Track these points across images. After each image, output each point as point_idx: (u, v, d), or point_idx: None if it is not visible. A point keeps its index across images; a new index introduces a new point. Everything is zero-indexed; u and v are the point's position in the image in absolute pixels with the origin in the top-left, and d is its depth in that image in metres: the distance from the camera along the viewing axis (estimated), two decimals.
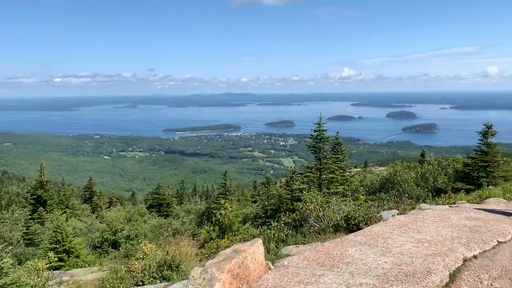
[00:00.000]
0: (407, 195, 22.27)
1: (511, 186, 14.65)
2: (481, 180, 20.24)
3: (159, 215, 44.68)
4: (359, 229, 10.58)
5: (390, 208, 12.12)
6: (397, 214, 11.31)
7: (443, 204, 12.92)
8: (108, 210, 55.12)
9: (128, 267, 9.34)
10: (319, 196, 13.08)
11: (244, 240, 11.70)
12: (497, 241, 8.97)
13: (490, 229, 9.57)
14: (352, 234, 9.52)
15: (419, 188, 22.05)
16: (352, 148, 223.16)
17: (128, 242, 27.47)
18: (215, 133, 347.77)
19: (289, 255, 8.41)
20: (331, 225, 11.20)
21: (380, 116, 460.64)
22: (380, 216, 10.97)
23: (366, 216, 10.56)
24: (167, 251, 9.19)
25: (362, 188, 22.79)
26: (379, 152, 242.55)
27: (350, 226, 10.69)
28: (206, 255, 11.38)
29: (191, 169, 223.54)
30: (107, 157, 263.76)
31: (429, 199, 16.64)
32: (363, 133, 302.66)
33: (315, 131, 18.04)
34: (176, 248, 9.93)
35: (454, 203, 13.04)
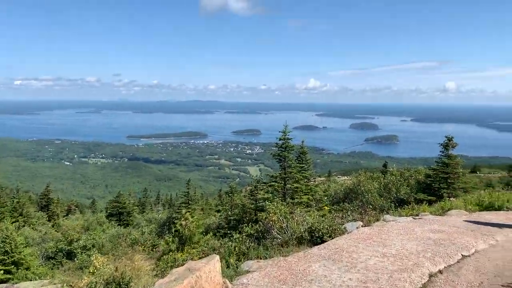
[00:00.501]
0: (370, 205, 22.28)
1: (472, 198, 14.75)
2: (442, 191, 20.50)
3: (119, 224, 42.99)
4: (323, 241, 10.21)
5: (355, 220, 11.82)
6: (362, 226, 11.03)
7: (407, 216, 12.79)
8: (66, 219, 52.82)
9: (71, 285, 8.52)
10: (282, 207, 12.65)
11: (203, 253, 11.09)
12: (462, 255, 8.81)
13: (454, 243, 9.42)
14: (316, 247, 9.11)
15: (382, 198, 22.09)
16: (317, 158, 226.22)
17: (85, 252, 26.19)
18: (181, 141, 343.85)
19: (250, 272, 7.89)
20: (294, 237, 10.77)
21: (343, 127, 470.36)
22: (345, 228, 10.65)
23: (330, 228, 10.20)
24: (116, 267, 8.44)
25: (326, 198, 22.61)
26: (342, 162, 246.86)
27: (314, 238, 10.30)
28: (162, 269, 10.68)
29: (156, 176, 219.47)
30: (68, 163, 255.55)
31: (392, 210, 16.57)
32: (327, 143, 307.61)
33: (280, 139, 17.63)
34: (128, 263, 9.17)
35: (417, 215, 12.94)
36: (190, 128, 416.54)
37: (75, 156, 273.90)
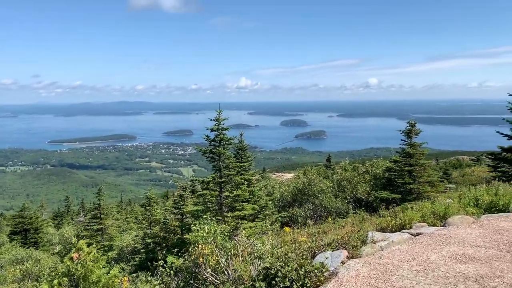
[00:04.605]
0: (323, 208, 18.66)
1: (468, 199, 11.37)
2: (408, 187, 17.36)
3: (24, 244, 35.82)
4: None
5: (331, 245, 7.63)
6: (348, 258, 6.93)
7: (398, 231, 8.99)
8: None
9: None
10: (218, 228, 8.27)
11: None
12: None
13: (505, 281, 5.69)
14: None
15: (337, 199, 18.55)
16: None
17: None
18: (108, 144, 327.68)
19: None
20: (241, 286, 6.44)
21: (274, 124, 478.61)
22: (322, 264, 6.46)
23: (303, 271, 5.98)
24: None
25: (271, 203, 18.57)
26: (275, 158, 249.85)
27: None
28: None
29: (82, 183, 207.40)
30: None
31: (351, 214, 12.87)
32: (259, 141, 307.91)
33: (212, 130, 12.96)
34: None
35: (405, 227, 9.24)
36: (117, 130, 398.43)
37: None
